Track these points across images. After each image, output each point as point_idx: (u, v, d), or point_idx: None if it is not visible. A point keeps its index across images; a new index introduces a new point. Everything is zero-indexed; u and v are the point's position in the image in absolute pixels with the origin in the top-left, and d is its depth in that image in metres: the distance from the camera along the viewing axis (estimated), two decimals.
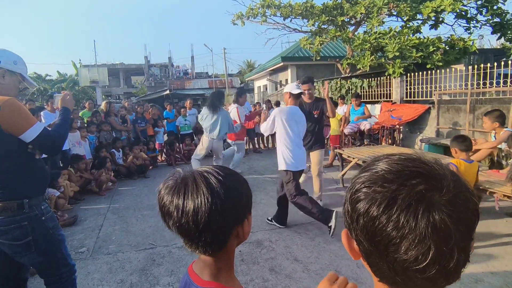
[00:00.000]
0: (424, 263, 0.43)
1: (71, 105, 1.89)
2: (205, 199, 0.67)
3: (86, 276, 2.67)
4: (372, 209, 0.46)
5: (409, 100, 7.26)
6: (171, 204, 0.69)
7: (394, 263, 0.45)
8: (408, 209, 0.43)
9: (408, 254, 0.43)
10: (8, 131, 1.50)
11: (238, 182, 0.74)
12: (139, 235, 3.48)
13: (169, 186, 0.71)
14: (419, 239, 0.42)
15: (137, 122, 7.19)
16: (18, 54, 1.70)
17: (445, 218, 0.42)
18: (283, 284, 2.45)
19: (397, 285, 0.48)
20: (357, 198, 0.49)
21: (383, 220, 0.44)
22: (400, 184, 0.45)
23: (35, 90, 24.99)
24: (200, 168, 0.74)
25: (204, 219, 0.67)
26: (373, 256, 0.48)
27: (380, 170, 0.48)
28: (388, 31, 7.81)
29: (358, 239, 0.50)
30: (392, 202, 0.44)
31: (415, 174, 0.46)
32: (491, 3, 7.54)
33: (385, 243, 0.45)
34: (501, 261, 2.67)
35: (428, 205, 0.43)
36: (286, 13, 9.78)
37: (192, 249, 0.73)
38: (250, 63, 35.66)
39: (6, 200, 1.54)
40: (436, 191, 0.44)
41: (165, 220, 0.72)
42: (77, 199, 4.82)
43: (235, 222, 0.72)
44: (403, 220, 0.43)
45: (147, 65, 33.74)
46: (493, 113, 3.64)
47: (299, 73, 14.06)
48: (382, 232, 0.45)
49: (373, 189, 0.47)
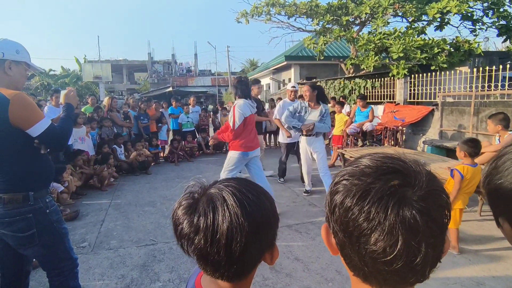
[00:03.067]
0: (391, 255, 0.44)
1: (74, 101, 1.90)
2: (239, 224, 0.56)
3: (87, 271, 2.68)
4: (347, 200, 0.48)
5: (412, 101, 7.23)
6: (191, 227, 0.58)
7: (364, 254, 0.46)
8: (379, 202, 0.45)
9: (377, 246, 0.44)
10: (16, 125, 1.51)
11: (269, 199, 0.64)
12: (140, 231, 3.49)
13: (188, 205, 0.61)
14: (388, 231, 0.44)
15: (139, 118, 7.20)
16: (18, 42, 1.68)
17: (414, 213, 0.43)
18: (283, 283, 2.45)
19: (368, 279, 0.49)
20: (335, 190, 0.51)
21: (356, 211, 0.46)
22: (376, 178, 0.47)
23: (38, 85, 25.10)
24: (223, 183, 0.62)
25: (240, 247, 0.56)
26: (346, 248, 0.50)
27: (360, 165, 0.51)
28: (392, 32, 7.77)
29: (334, 231, 0.51)
30: (366, 194, 0.46)
31: (391, 170, 0.48)
32: (497, 6, 7.49)
33: (357, 234, 0.46)
34: (503, 265, 2.66)
35: (399, 200, 0.44)
36: (290, 12, 9.76)
37: (213, 276, 0.62)
38: (253, 61, 35.62)
39: (12, 192, 1.56)
40: (409, 187, 0.45)
41: (182, 245, 0.61)
42: (79, 194, 4.84)
43: (268, 247, 0.63)
44: (374, 212, 0.45)
45: (151, 62, 33.81)
46: (497, 116, 3.61)
47: (302, 72, 14.04)
48: (354, 223, 0.46)
49: (350, 182, 0.49)
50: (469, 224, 3.44)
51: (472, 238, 3.13)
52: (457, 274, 2.53)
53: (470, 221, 3.53)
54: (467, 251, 2.88)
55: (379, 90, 8.08)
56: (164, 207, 4.26)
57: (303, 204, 4.26)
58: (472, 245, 3.00)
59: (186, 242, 0.60)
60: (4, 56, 1.57)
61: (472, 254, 2.82)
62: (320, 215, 3.75)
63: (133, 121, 7.03)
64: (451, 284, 2.40)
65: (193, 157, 7.52)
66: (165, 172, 6.35)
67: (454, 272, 2.54)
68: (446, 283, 2.41)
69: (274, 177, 5.47)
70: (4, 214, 1.56)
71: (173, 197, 4.68)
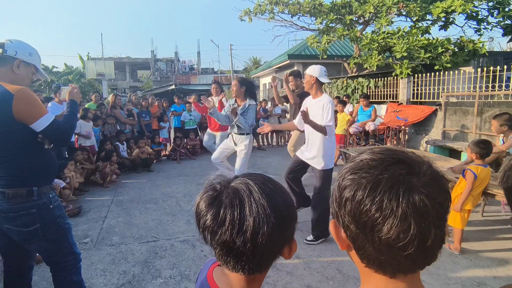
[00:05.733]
0: (405, 240, 0.47)
1: (78, 98, 1.93)
2: (266, 215, 0.57)
3: (89, 266, 2.70)
4: (358, 193, 0.50)
5: (415, 101, 7.20)
6: (216, 219, 0.58)
7: (379, 242, 0.49)
8: (390, 191, 0.47)
9: (391, 233, 0.47)
10: (20, 120, 1.53)
11: (288, 194, 0.66)
12: (142, 227, 3.51)
13: (211, 197, 0.61)
14: (401, 218, 0.46)
15: (141, 115, 7.22)
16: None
17: (423, 198, 0.47)
18: (284, 281, 2.46)
19: (382, 267, 0.51)
20: (343, 185, 0.53)
21: (368, 202, 0.48)
22: (383, 170, 0.50)
23: (42, 82, 25.18)
24: (246, 177, 0.63)
25: (265, 239, 0.57)
26: (359, 239, 0.52)
27: (364, 159, 0.53)
28: (396, 31, 7.73)
29: (345, 224, 0.53)
30: (376, 185, 0.48)
31: (395, 160, 0.51)
32: (503, 5, 7.43)
33: (370, 224, 0.49)
34: (505, 266, 2.65)
35: (408, 187, 0.47)
36: (294, 11, 9.73)
37: (234, 268, 0.62)
38: (256, 60, 35.56)
39: (16, 187, 1.57)
40: (414, 175, 0.49)
41: (205, 238, 0.62)
42: (82, 190, 4.87)
43: (288, 240, 0.64)
44: (386, 201, 0.47)
45: (154, 60, 33.83)
46: (502, 116, 3.59)
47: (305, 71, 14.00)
48: (367, 213, 0.48)
49: (359, 175, 0.51)
50: (471, 225, 3.43)
51: (473, 239, 3.12)
52: (458, 274, 2.52)
53: (472, 221, 3.51)
54: (469, 251, 2.87)
55: (382, 90, 8.06)
56: (166, 204, 4.28)
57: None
58: (473, 245, 2.99)
59: (210, 234, 0.60)
60: (17, 55, 1.61)
61: (473, 255, 2.82)
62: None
63: (136, 118, 7.06)
64: (452, 284, 2.40)
65: (195, 155, 7.53)
66: (167, 169, 6.37)
67: (455, 272, 2.54)
68: (447, 283, 2.40)
69: (277, 177, 5.46)
70: (8, 209, 1.57)
71: (174, 194, 4.70)
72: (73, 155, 5.16)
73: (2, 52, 1.56)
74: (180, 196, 4.61)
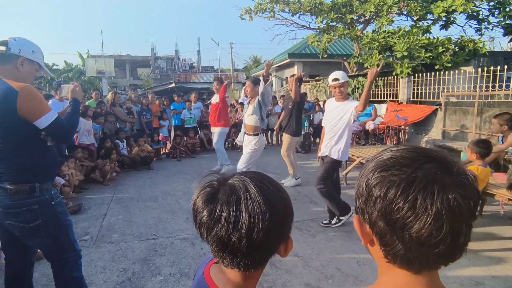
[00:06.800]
0: (438, 238, 0.47)
1: (80, 96, 1.95)
2: (262, 212, 0.57)
3: (89, 264, 2.71)
4: (391, 191, 0.49)
5: (415, 100, 7.20)
6: (212, 216, 0.59)
7: (409, 240, 0.48)
8: (425, 189, 0.47)
9: (423, 231, 0.47)
10: (24, 117, 1.54)
11: (285, 192, 0.66)
12: (141, 225, 3.52)
13: (208, 194, 0.61)
14: (434, 216, 0.46)
15: (142, 113, 7.22)
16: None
17: (457, 197, 0.47)
18: (283, 279, 2.47)
19: (409, 263, 0.51)
20: (372, 183, 0.52)
21: (400, 200, 0.48)
22: (416, 168, 0.49)
23: (42, 79, 25.15)
24: (243, 174, 0.64)
25: (260, 236, 0.58)
26: (388, 236, 0.51)
27: (393, 156, 0.53)
28: (397, 31, 7.73)
29: (373, 221, 0.53)
30: (410, 183, 0.48)
31: (428, 159, 0.51)
32: (503, 5, 7.42)
33: (401, 222, 0.48)
34: (503, 265, 2.66)
35: (442, 186, 0.47)
36: (294, 9, 9.72)
37: (230, 265, 0.63)
38: (256, 58, 35.50)
39: (19, 183, 1.58)
40: (447, 173, 0.49)
41: (201, 234, 0.63)
42: (82, 188, 4.87)
43: (284, 238, 0.65)
44: (420, 200, 0.47)
45: (154, 58, 33.75)
46: (503, 116, 3.60)
47: (305, 70, 13.98)
48: (399, 211, 0.48)
49: (390, 173, 0.50)
50: None
51: (472, 238, 3.09)
52: (456, 273, 2.53)
53: None
54: (467, 250, 2.86)
55: (382, 89, 8.06)
56: (166, 202, 4.29)
57: (304, 201, 4.28)
58: (472, 245, 3.00)
59: (206, 230, 0.61)
60: (20, 52, 1.62)
61: (472, 254, 2.83)
62: (321, 212, 3.76)
63: (136, 116, 7.06)
64: (450, 283, 2.41)
65: (195, 153, 7.54)
66: (167, 167, 6.38)
67: (453, 272, 2.55)
68: (446, 283, 2.39)
69: (278, 176, 5.47)
70: (10, 205, 1.58)
71: (174, 192, 4.70)
72: (74, 152, 5.16)
73: (6, 50, 1.57)
74: (180, 194, 4.62)
